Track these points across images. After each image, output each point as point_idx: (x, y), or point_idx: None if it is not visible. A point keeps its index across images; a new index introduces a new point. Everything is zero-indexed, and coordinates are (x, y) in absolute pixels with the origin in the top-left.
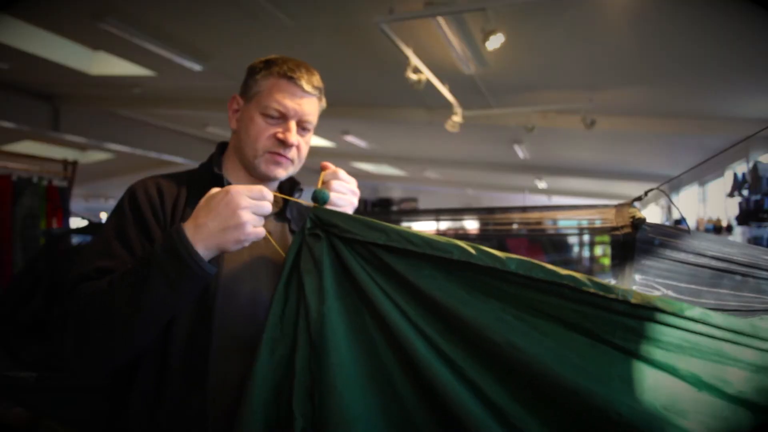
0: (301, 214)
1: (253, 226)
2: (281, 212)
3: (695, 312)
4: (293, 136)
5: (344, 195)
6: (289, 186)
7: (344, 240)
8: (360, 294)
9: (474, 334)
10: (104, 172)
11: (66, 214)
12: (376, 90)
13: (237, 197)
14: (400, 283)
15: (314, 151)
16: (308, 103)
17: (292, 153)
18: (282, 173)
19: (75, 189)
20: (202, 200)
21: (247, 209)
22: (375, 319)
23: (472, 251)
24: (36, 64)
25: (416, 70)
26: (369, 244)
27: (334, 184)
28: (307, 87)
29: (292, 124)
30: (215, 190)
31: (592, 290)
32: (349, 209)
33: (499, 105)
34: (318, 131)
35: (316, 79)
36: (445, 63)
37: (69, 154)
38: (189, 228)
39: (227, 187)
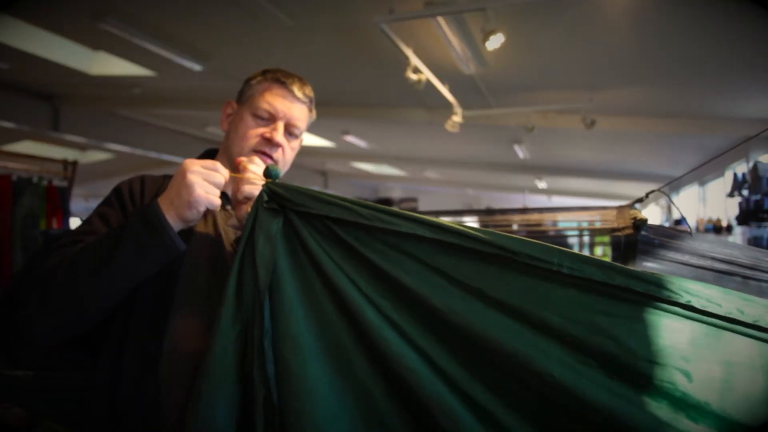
0: None
1: (205, 192)
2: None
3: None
4: (279, 136)
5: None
6: None
7: (299, 213)
8: (313, 266)
9: (418, 301)
10: (104, 172)
11: (66, 214)
12: (376, 90)
13: (187, 164)
14: (351, 255)
15: (314, 151)
16: (298, 109)
17: (278, 154)
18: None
19: (75, 189)
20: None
21: (196, 173)
22: (327, 289)
23: (419, 224)
24: (36, 64)
25: (416, 70)
26: (322, 217)
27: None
28: (298, 93)
29: (280, 125)
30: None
31: (527, 257)
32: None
33: (499, 105)
34: (318, 131)
35: (308, 89)
36: (445, 63)
37: (69, 154)
38: (162, 202)
39: (189, 166)
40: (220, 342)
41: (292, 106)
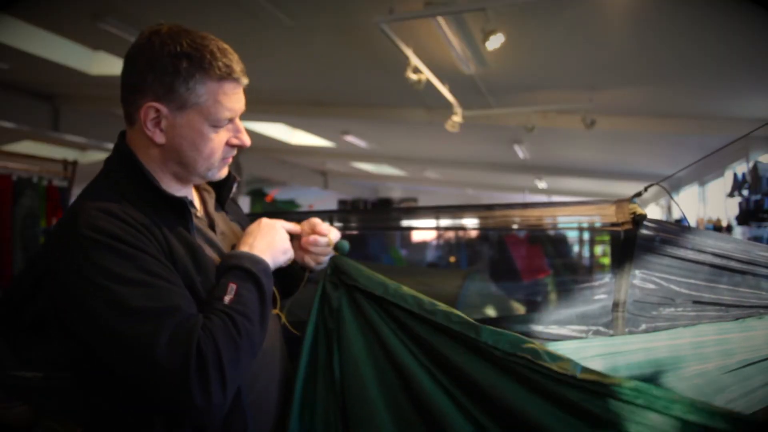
0: (231, 202)
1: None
2: (218, 203)
3: (630, 384)
4: (246, 136)
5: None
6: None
7: (355, 288)
8: (373, 333)
9: (460, 371)
10: None
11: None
12: (376, 90)
13: (275, 222)
14: (400, 325)
15: (314, 151)
16: (242, 92)
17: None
18: (227, 171)
19: (75, 189)
20: (256, 228)
21: (281, 228)
22: (386, 354)
23: (452, 318)
24: (36, 64)
25: (416, 70)
26: (371, 293)
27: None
28: (244, 79)
29: (241, 124)
30: (266, 221)
31: (546, 365)
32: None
33: (499, 105)
34: (318, 131)
35: (240, 60)
36: (445, 63)
37: (69, 154)
38: (261, 253)
39: (275, 222)
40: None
41: (242, 96)
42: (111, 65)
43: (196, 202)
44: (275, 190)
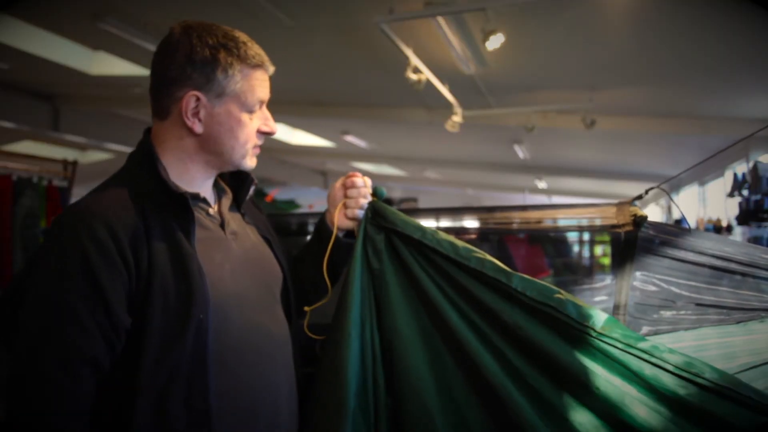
0: (252, 206)
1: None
2: (235, 204)
3: (646, 345)
4: (273, 123)
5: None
6: (241, 179)
7: (395, 232)
8: (409, 276)
9: (493, 314)
10: (104, 172)
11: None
12: (376, 90)
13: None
14: (437, 269)
15: (314, 151)
16: None
17: None
18: (256, 161)
19: (75, 189)
20: None
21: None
22: (421, 297)
23: (486, 264)
24: (36, 64)
25: (416, 70)
26: (408, 237)
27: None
28: (272, 68)
29: (267, 112)
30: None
31: (568, 315)
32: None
33: (499, 105)
34: (318, 131)
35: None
36: (445, 63)
37: (69, 154)
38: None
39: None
40: (353, 345)
41: (269, 84)
42: (111, 65)
43: (212, 199)
44: (275, 190)
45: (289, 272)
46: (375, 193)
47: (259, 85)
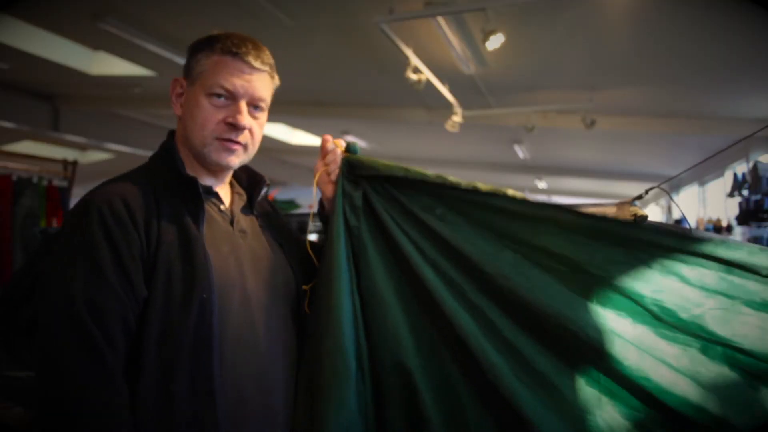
0: (265, 210)
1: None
2: (248, 207)
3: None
4: (245, 118)
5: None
6: (255, 181)
7: (370, 183)
8: (385, 234)
9: (473, 266)
10: (104, 172)
11: (66, 214)
12: (376, 90)
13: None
14: (416, 222)
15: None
16: (258, 80)
17: (245, 137)
18: (234, 161)
19: (75, 189)
20: None
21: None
22: (395, 253)
23: (476, 184)
24: (36, 64)
25: (416, 70)
26: (390, 186)
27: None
28: (255, 63)
29: (243, 105)
30: None
31: (584, 212)
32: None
33: (499, 105)
34: (318, 131)
35: (266, 55)
36: (445, 63)
37: (69, 154)
38: None
39: None
40: (344, 304)
41: (252, 79)
42: (111, 65)
43: (226, 198)
44: (275, 190)
45: (303, 278)
46: (348, 149)
47: (226, 71)
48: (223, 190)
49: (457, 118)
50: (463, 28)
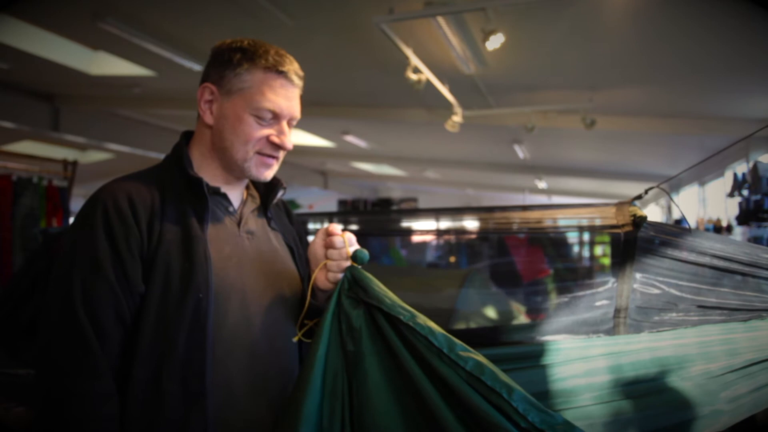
0: (279, 213)
1: None
2: (261, 209)
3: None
4: (289, 140)
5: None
6: (272, 184)
7: (377, 309)
8: (397, 364)
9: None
10: (104, 172)
11: (66, 214)
12: (376, 90)
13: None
14: (415, 354)
15: (314, 151)
16: (297, 97)
17: (281, 153)
18: (270, 175)
19: (75, 189)
20: None
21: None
22: (404, 377)
23: (485, 370)
24: (36, 64)
25: (416, 70)
26: (393, 317)
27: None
28: (296, 80)
29: (286, 126)
30: None
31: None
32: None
33: (499, 105)
34: (318, 131)
35: (299, 67)
36: (445, 63)
37: (69, 154)
38: None
39: None
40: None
41: (293, 97)
42: (111, 65)
43: (237, 200)
44: None
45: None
46: (355, 258)
47: (271, 91)
48: (236, 192)
49: (457, 118)
50: (463, 28)
